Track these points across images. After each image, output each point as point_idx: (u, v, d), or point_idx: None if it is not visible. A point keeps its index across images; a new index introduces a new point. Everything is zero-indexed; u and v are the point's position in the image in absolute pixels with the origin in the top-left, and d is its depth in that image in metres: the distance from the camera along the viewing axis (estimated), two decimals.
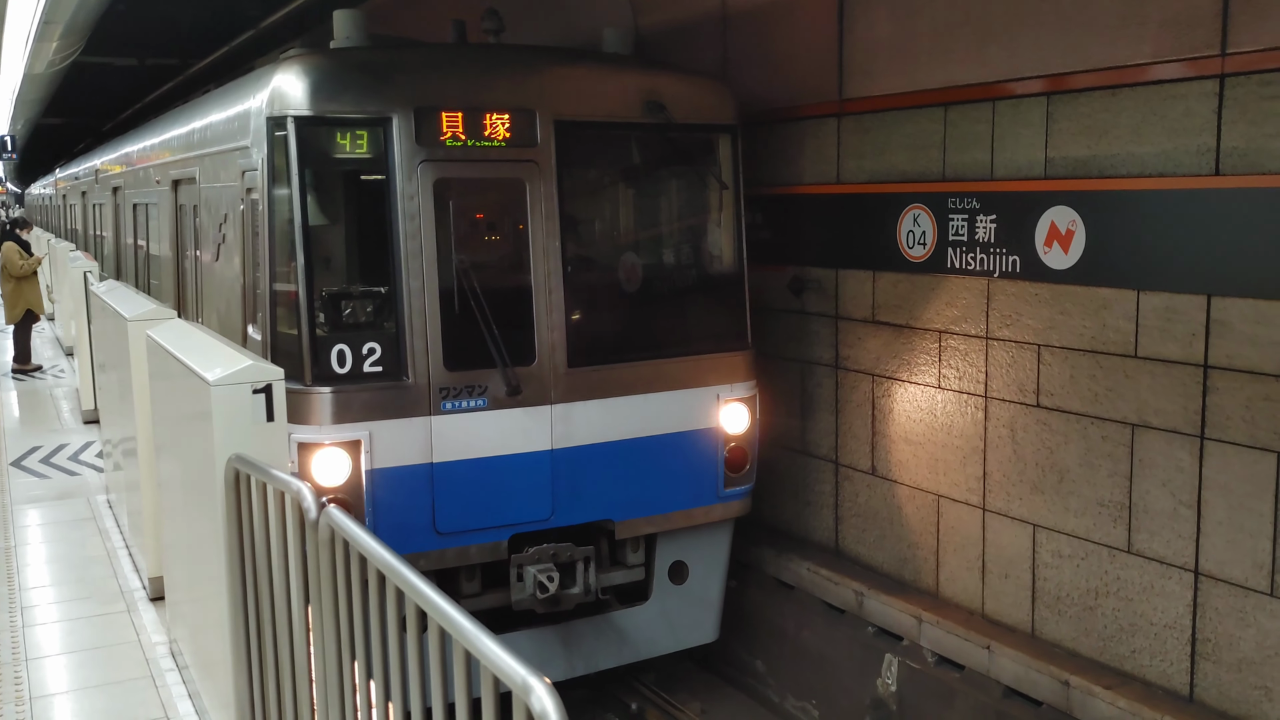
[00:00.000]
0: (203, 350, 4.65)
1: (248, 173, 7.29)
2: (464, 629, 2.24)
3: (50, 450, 10.17)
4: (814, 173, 8.48)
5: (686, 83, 7.91)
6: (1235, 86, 5.64)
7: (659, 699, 8.41)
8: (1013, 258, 6.86)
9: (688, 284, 8.19)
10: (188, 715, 4.86)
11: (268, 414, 4.04)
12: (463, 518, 7.01)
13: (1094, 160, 6.36)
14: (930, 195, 7.41)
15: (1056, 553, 6.79)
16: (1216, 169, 5.76)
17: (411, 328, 6.81)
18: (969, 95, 7.10)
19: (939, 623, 7.33)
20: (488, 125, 7.03)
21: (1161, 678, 6.23)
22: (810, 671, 8.41)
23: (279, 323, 6.90)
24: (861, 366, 8.21)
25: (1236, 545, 5.81)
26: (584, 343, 7.36)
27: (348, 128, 6.78)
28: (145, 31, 16.65)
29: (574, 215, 7.61)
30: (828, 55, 8.21)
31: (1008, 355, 6.99)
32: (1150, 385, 6.14)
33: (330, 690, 3.31)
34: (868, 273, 8.04)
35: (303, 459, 6.59)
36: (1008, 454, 7.05)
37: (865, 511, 8.32)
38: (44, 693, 5.13)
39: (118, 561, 6.98)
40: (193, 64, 19.86)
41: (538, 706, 1.92)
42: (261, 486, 3.69)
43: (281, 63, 6.97)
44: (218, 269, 8.49)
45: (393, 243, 6.81)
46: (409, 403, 6.82)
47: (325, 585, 3.21)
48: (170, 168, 10.74)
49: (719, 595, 8.30)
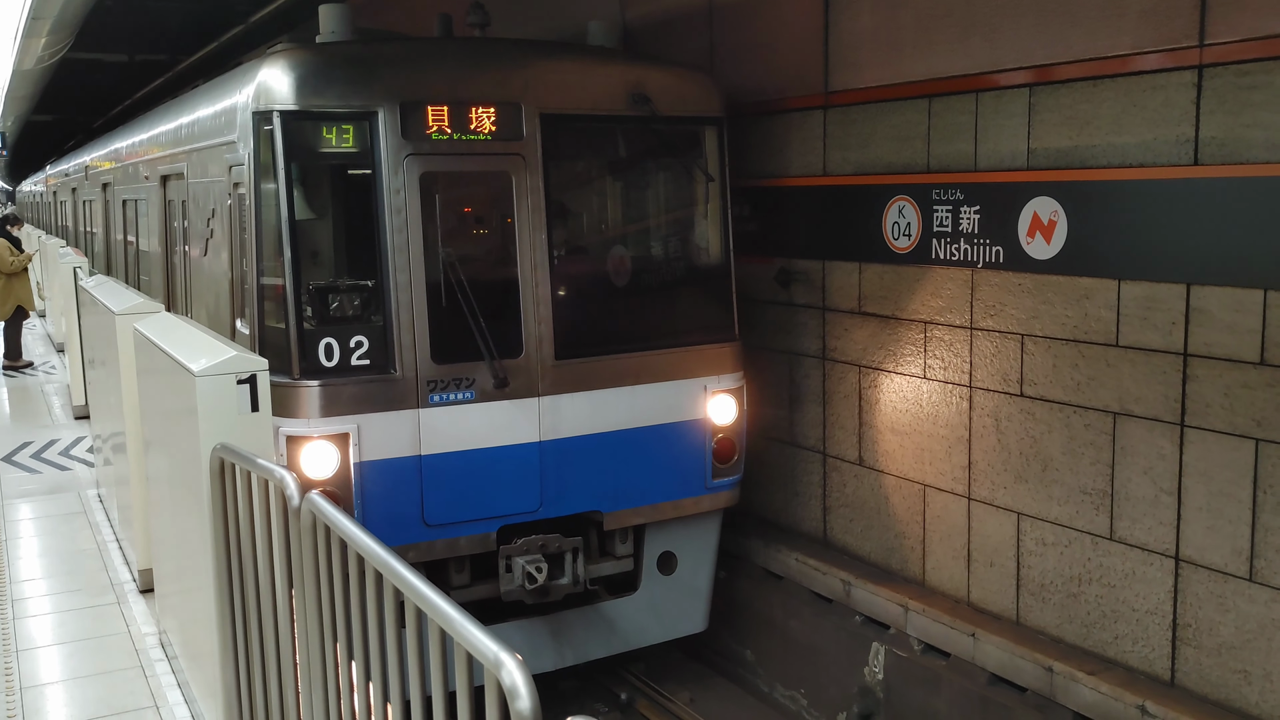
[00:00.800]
0: (188, 342, 4.69)
1: (234, 168, 7.32)
2: (439, 608, 2.29)
3: (41, 445, 10.20)
4: (800, 164, 8.52)
5: (672, 75, 7.94)
6: (1213, 77, 5.70)
7: (648, 688, 8.46)
8: (996, 248, 6.91)
9: (675, 276, 8.23)
10: (176, 704, 4.90)
11: (253, 404, 4.08)
12: (451, 510, 7.05)
13: (1075, 151, 6.41)
14: (915, 186, 7.46)
15: (1040, 540, 6.85)
16: (1195, 159, 5.82)
17: (399, 321, 6.84)
18: (952, 87, 7.14)
19: (925, 611, 7.39)
20: (473, 119, 7.06)
21: (1143, 663, 6.30)
22: (799, 660, 8.46)
23: (267, 316, 6.93)
24: (848, 357, 8.26)
25: (1216, 531, 5.87)
26: (571, 335, 7.39)
27: (333, 122, 6.80)
28: (135, 27, 16.65)
29: (561, 208, 7.64)
30: (813, 47, 8.25)
31: (991, 345, 7.04)
32: (1131, 374, 6.20)
33: (314, 676, 3.36)
34: (854, 264, 8.09)
35: (291, 452, 6.62)
36: (992, 443, 7.10)
37: (853, 501, 8.38)
38: (35, 683, 5.17)
39: (108, 554, 7.02)
40: (182, 60, 19.86)
41: (508, 681, 1.96)
42: (246, 475, 3.73)
43: (267, 57, 6.99)
44: (206, 264, 8.51)
45: (379, 236, 6.84)
46: (397, 395, 6.85)
47: (308, 572, 3.25)
48: (159, 163, 10.76)
49: (708, 585, 8.35)
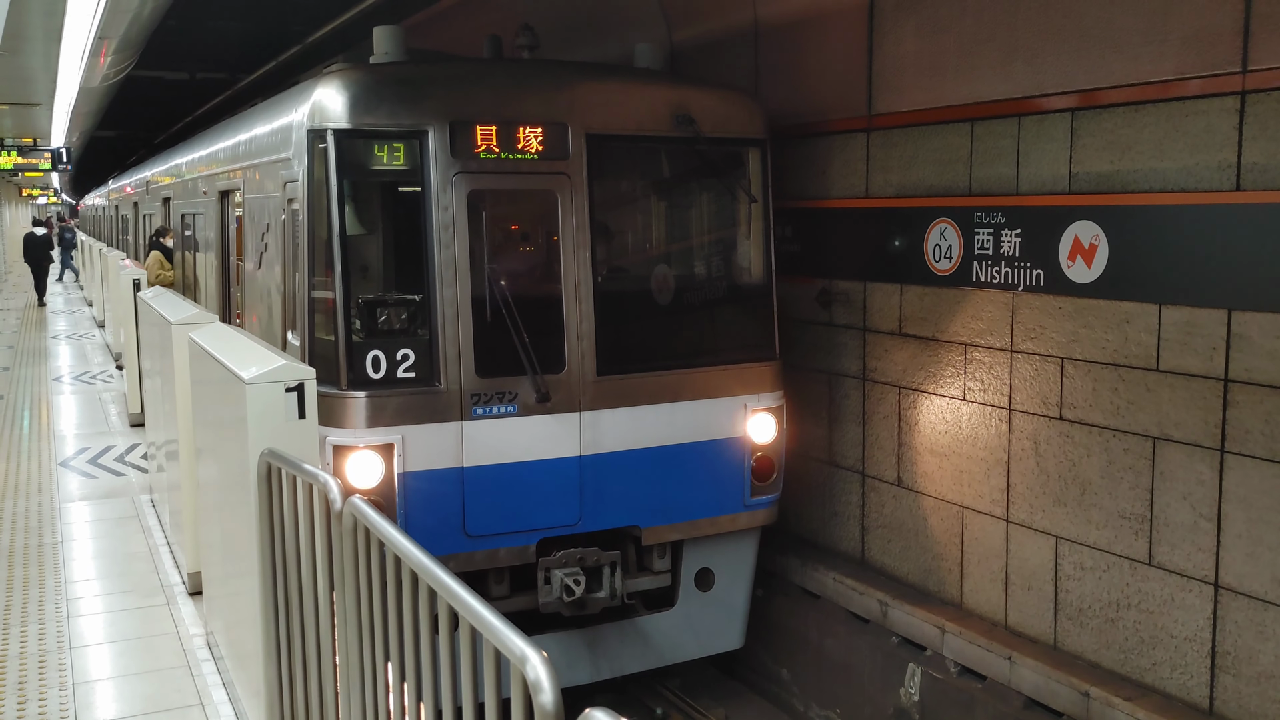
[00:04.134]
0: (240, 351, 4.86)
1: (289, 184, 7.52)
2: (471, 607, 2.39)
3: (98, 451, 10.48)
4: (842, 186, 8.58)
5: (717, 97, 8.05)
6: (1256, 103, 5.70)
7: (683, 704, 8.50)
8: (1037, 272, 6.93)
9: (717, 295, 8.31)
10: (221, 703, 5.04)
11: (300, 411, 4.22)
12: (492, 521, 7.16)
13: (1117, 175, 6.42)
14: (956, 209, 7.49)
15: (1079, 565, 6.82)
16: (1238, 184, 5.81)
17: (444, 335, 6.99)
18: (995, 111, 7.18)
19: (962, 633, 7.38)
20: (521, 138, 7.21)
21: (1181, 690, 6.25)
22: (834, 680, 8.47)
23: (317, 329, 7.11)
24: (888, 378, 8.29)
25: (1256, 558, 5.83)
26: (613, 351, 7.49)
27: (385, 140, 6.98)
28: (196, 46, 17.10)
29: (605, 226, 7.76)
30: (857, 71, 8.33)
31: (1031, 368, 7.05)
32: (1171, 398, 6.19)
33: (352, 678, 3.47)
34: (895, 286, 8.13)
35: (338, 461, 6.78)
36: (1031, 466, 7.10)
37: (891, 522, 8.39)
38: (86, 679, 5.35)
39: (159, 557, 7.22)
40: (241, 78, 20.35)
41: (532, 676, 2.05)
42: (292, 480, 3.86)
43: (322, 77, 7.20)
44: (260, 277, 8.74)
45: (427, 252, 7.00)
46: (441, 408, 6.99)
47: (349, 574, 3.37)
48: (217, 179, 11.05)
49: (745, 603, 8.39)
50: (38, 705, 5.05)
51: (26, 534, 7.79)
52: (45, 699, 5.12)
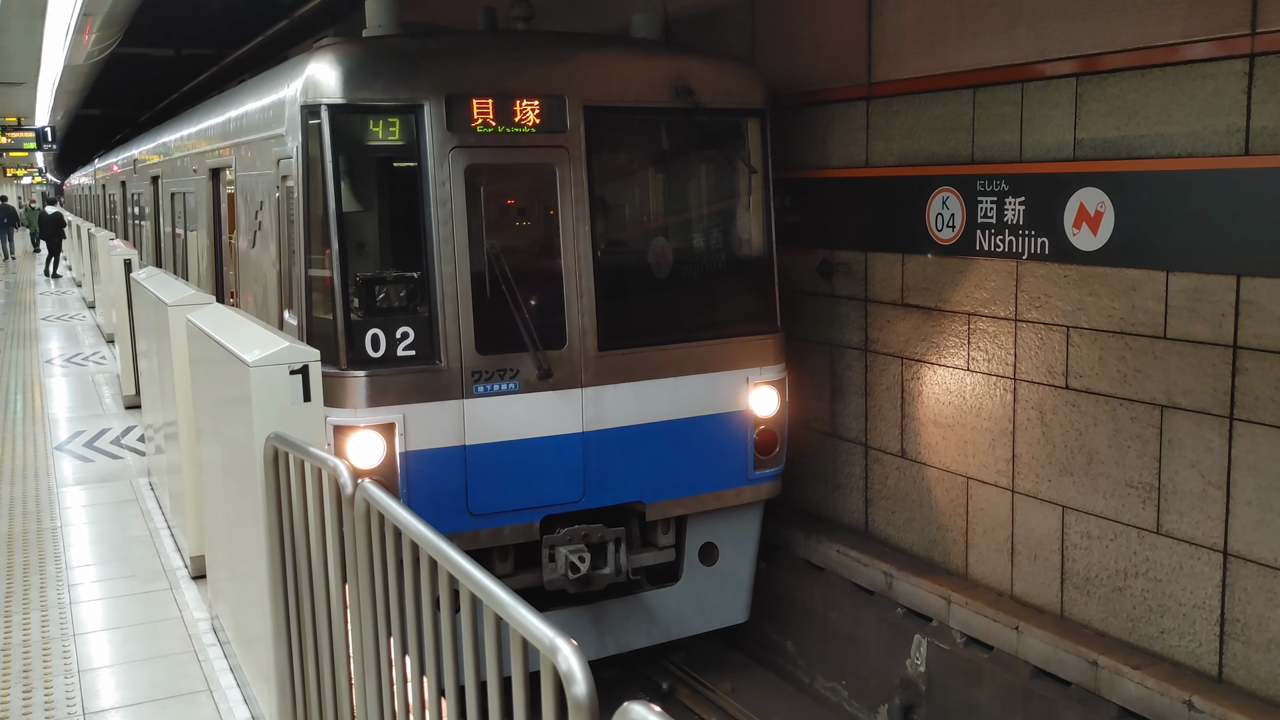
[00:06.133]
0: (241, 333, 4.77)
1: (283, 160, 7.41)
2: (495, 595, 2.33)
3: (93, 435, 10.39)
4: (843, 156, 8.50)
5: (715, 67, 7.95)
6: (1265, 66, 5.62)
7: (689, 678, 8.50)
8: (1041, 239, 6.86)
9: (717, 267, 8.24)
10: (229, 688, 4.99)
11: (305, 394, 4.14)
12: (495, 499, 7.12)
13: (1123, 141, 6.35)
14: (959, 178, 7.42)
15: (1085, 534, 6.80)
16: (1246, 149, 5.75)
17: (444, 312, 6.91)
18: (997, 77, 7.10)
19: (968, 604, 7.37)
20: (518, 111, 7.11)
21: (1190, 658, 6.25)
22: (839, 652, 8.47)
23: (314, 308, 7.02)
24: (891, 349, 8.24)
25: (1266, 525, 5.81)
26: (614, 326, 7.43)
27: (380, 115, 6.88)
28: (182, 22, 16.89)
29: (604, 200, 7.68)
30: (856, 38, 8.22)
31: (1036, 337, 7.00)
32: (1179, 366, 6.14)
33: (367, 663, 3.42)
34: (897, 255, 8.07)
35: (338, 441, 6.72)
36: (1037, 436, 7.06)
37: (895, 494, 8.36)
38: (90, 666, 5.29)
39: (160, 541, 7.15)
40: (228, 54, 20.10)
41: (564, 666, 2.00)
42: (299, 464, 3.79)
43: (315, 51, 7.07)
44: (254, 255, 8.63)
45: (425, 228, 6.91)
46: (442, 386, 6.93)
47: (362, 559, 3.31)
48: (207, 157, 10.91)
49: (749, 576, 8.37)
50: (43, 694, 4.99)
51: (25, 519, 7.71)
52: (51, 687, 5.06)
